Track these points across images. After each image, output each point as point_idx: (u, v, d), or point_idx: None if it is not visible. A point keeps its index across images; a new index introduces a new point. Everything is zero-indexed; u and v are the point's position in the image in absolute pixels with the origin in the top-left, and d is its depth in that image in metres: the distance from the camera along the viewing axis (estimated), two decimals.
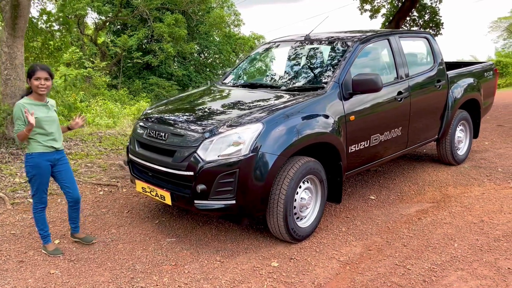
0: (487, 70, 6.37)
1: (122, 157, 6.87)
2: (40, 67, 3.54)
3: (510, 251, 3.49)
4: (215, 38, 28.46)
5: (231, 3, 30.40)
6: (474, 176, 5.64)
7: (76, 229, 3.99)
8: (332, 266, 3.48)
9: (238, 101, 4.33)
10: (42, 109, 3.58)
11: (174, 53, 21.26)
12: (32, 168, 3.60)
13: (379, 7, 15.89)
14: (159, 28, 20.87)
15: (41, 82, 3.50)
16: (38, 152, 3.58)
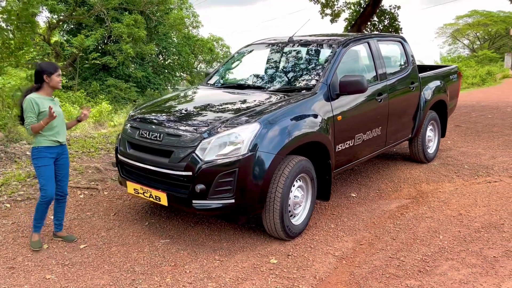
0: (452, 73, 6.76)
1: (96, 160, 6.71)
2: (58, 67, 3.81)
3: (492, 241, 3.74)
4: (174, 39, 28.18)
5: (189, 5, 30.24)
6: (444, 173, 5.96)
7: (59, 227, 4.05)
8: (329, 261, 3.60)
9: (231, 101, 4.37)
10: (50, 103, 3.74)
11: (133, 54, 20.84)
12: (39, 161, 3.76)
13: (339, 11, 16.32)
14: (118, 28, 20.42)
15: (60, 78, 3.78)
16: (43, 146, 3.75)
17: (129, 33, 20.71)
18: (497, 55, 41.09)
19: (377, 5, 12.51)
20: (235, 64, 5.40)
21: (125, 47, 20.32)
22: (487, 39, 51.59)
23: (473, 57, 40.72)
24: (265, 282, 3.26)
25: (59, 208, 4.01)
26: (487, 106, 12.85)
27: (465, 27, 49.07)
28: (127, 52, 20.46)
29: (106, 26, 21.50)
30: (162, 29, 25.07)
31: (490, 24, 46.25)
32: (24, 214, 4.60)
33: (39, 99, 3.70)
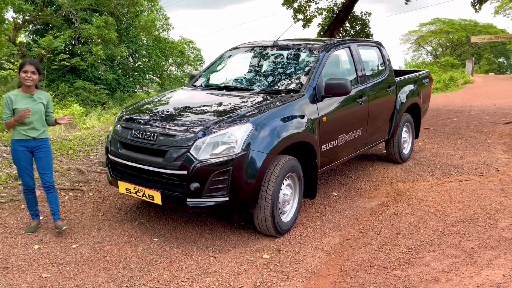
0: (424, 78, 7.10)
1: (76, 162, 6.67)
2: (29, 62, 3.97)
3: (468, 234, 4.00)
4: (144, 41, 27.95)
5: (160, 7, 30.06)
6: (418, 172, 6.25)
7: (55, 216, 4.18)
8: (319, 255, 3.76)
9: (221, 103, 4.48)
10: (27, 100, 3.95)
11: (104, 56, 20.55)
12: (12, 152, 4.06)
13: (311, 17, 16.71)
14: (88, 30, 20.09)
15: (27, 74, 3.89)
16: (15, 139, 3.99)
17: (99, 35, 20.41)
18: (459, 62, 42.74)
19: (349, 12, 12.89)
20: (221, 67, 5.51)
21: (96, 49, 20.02)
22: (449, 46, 53.57)
23: (436, 63, 42.20)
24: (261, 276, 3.39)
25: (49, 198, 4.16)
26: (452, 110, 13.43)
27: (428, 34, 50.83)
28: (97, 54, 20.14)
29: (75, 27, 21.10)
30: (133, 32, 24.81)
31: (451, 32, 48.11)
32: (10, 216, 4.55)
33: (15, 96, 3.94)
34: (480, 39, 39.81)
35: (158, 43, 28.35)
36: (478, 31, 46.05)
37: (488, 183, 5.50)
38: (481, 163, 6.62)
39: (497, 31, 46.18)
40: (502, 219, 4.30)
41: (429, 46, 55.25)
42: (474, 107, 14.48)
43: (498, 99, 17.26)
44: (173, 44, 30.69)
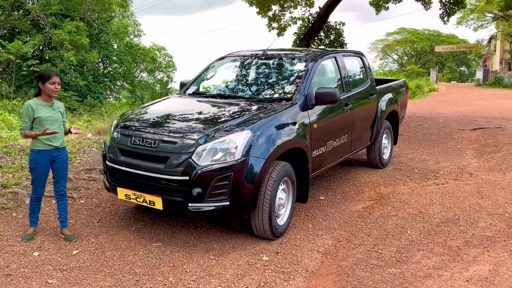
0: (401, 86, 7.44)
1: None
2: (54, 73, 4.03)
3: (452, 233, 4.28)
4: (115, 47, 27.65)
5: (131, 13, 29.85)
6: (398, 177, 6.55)
7: (63, 224, 4.26)
8: (316, 256, 3.94)
9: (218, 110, 4.61)
10: (48, 109, 4.01)
11: (76, 62, 20.24)
12: (31, 162, 4.07)
13: (285, 25, 17.03)
14: (59, 35, 19.75)
15: (55, 86, 3.98)
16: (37, 149, 4.01)
17: (71, 41, 20.08)
18: (423, 70, 44.30)
19: (324, 21, 13.26)
20: (212, 75, 5.64)
21: (67, 55, 19.69)
22: (414, 55, 55.43)
23: (402, 71, 43.58)
24: (263, 277, 3.54)
25: (60, 206, 4.24)
26: (421, 117, 13.98)
27: (394, 43, 52.50)
28: (68, 60, 19.81)
29: (45, 32, 20.70)
30: (105, 37, 24.52)
31: (416, 41, 49.88)
32: (4, 224, 4.53)
33: (36, 105, 3.96)
34: (443, 48, 41.42)
35: (129, 49, 28.08)
36: (441, 40, 47.93)
37: (464, 186, 5.84)
38: (455, 168, 6.99)
39: (459, 41, 48.21)
40: (481, 219, 4.60)
41: (395, 55, 56.97)
42: (442, 114, 15.11)
43: (462, 107, 18.05)
44: (144, 51, 30.46)
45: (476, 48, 44.64)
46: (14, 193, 5.23)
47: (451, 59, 57.66)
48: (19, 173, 6.14)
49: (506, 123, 12.08)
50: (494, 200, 5.17)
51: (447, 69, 56.27)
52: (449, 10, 11.99)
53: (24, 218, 4.71)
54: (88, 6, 22.04)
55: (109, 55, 26.82)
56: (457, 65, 62.76)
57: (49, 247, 4.03)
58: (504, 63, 42.88)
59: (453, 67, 59.63)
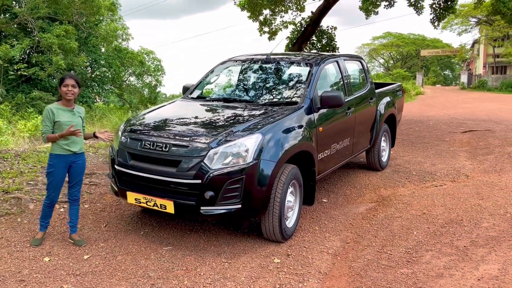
0: (398, 90, 7.56)
1: None
2: (69, 75, 4.05)
3: (458, 234, 4.36)
4: (103, 51, 27.46)
5: (119, 16, 29.69)
6: (397, 179, 6.65)
7: (73, 229, 4.26)
8: (326, 258, 3.98)
9: (226, 114, 4.63)
10: (68, 114, 4.02)
11: (65, 66, 20.04)
12: (49, 166, 4.05)
13: (276, 30, 17.14)
14: (47, 39, 19.55)
15: (68, 88, 3.96)
16: (56, 153, 4.01)
17: (59, 44, 19.89)
18: (409, 74, 44.89)
19: (317, 26, 13.39)
20: (216, 79, 5.67)
21: (56, 59, 19.49)
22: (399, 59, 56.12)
23: (388, 75, 44.09)
24: (278, 279, 3.57)
25: (72, 211, 4.24)
26: (412, 120, 14.18)
27: (380, 47, 53.09)
28: (57, 64, 19.61)
29: (33, 36, 20.48)
30: (94, 41, 24.34)
31: (402, 45, 50.50)
32: (9, 229, 4.48)
33: (56, 109, 3.99)
34: (428, 52, 42.04)
35: (118, 53, 27.90)
36: (426, 45, 48.61)
37: (463, 187, 5.95)
38: (451, 169, 7.12)
39: (443, 45, 48.97)
40: (484, 219, 4.70)
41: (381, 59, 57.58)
42: (431, 117, 15.34)
43: (450, 110, 18.35)
44: (132, 54, 30.29)
45: (461, 52, 45.42)
46: (17, 198, 5.18)
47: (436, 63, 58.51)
48: (19, 178, 6.08)
49: (495, 126, 12.31)
50: (494, 201, 5.28)
51: (432, 73, 57.09)
52: (439, 15, 12.22)
53: (29, 223, 4.68)
54: (76, 9, 21.89)
55: (98, 59, 26.62)
56: (441, 69, 63.72)
57: (59, 252, 4.00)
58: (488, 67, 43.70)
59: (437, 71, 60.51)
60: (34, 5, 19.77)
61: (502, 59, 40.86)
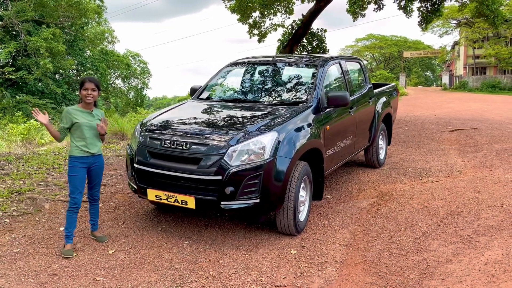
0: (393, 90, 7.86)
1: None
2: (89, 79, 4.11)
3: (460, 224, 4.64)
4: (90, 54, 27.36)
5: (105, 19, 29.60)
6: (394, 175, 6.93)
7: (94, 226, 4.40)
8: (339, 249, 4.21)
9: (239, 113, 4.82)
10: (86, 115, 4.10)
11: (53, 69, 19.95)
12: (70, 169, 4.06)
13: (266, 32, 17.39)
14: (35, 42, 19.45)
15: (88, 92, 4.05)
16: (74, 155, 4.06)
17: (47, 47, 19.80)
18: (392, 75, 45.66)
19: (308, 28, 13.68)
20: (224, 81, 5.87)
21: (44, 62, 19.40)
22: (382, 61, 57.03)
23: (371, 76, 44.76)
24: (298, 268, 3.78)
25: (92, 210, 4.37)
26: (400, 120, 14.55)
27: (363, 48, 53.84)
28: (45, 67, 19.52)
29: (20, 39, 20.34)
30: (81, 44, 24.25)
31: (384, 47, 51.34)
32: (30, 228, 4.60)
33: (75, 110, 4.09)
34: (411, 54, 42.85)
35: (104, 56, 27.82)
36: (408, 46, 49.53)
37: (459, 182, 6.26)
38: (444, 166, 7.43)
39: (425, 47, 49.96)
40: (483, 211, 4.99)
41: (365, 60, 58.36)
42: (418, 117, 15.77)
43: (435, 110, 18.85)
44: (118, 57, 30.24)
45: (442, 54, 46.43)
46: (32, 198, 5.28)
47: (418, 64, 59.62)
48: (28, 179, 6.17)
49: (480, 125, 12.74)
50: (490, 194, 5.60)
51: (414, 74, 58.14)
52: (427, 18, 12.62)
53: (48, 222, 4.80)
54: (63, 12, 21.84)
55: (84, 62, 26.51)
56: (422, 70, 64.90)
57: (84, 248, 4.15)
58: (468, 68, 44.75)
59: (419, 72, 61.64)
60: (20, 8, 19.66)
61: (482, 60, 41.92)
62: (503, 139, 9.93)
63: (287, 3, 16.36)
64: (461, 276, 3.50)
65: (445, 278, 3.48)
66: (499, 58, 37.88)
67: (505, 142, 9.58)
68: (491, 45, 37.92)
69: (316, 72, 5.31)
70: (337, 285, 3.49)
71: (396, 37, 51.27)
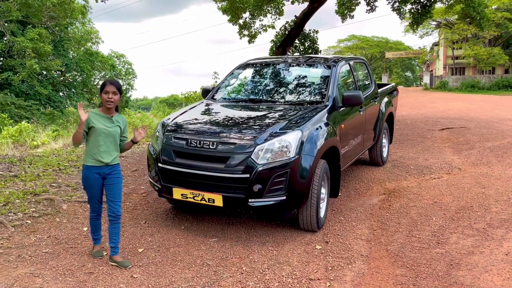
0: (394, 90, 8.07)
1: (77, 177, 6.66)
2: (110, 81, 3.76)
3: (473, 218, 4.84)
4: (74, 55, 27.02)
5: (89, 19, 29.27)
6: (398, 173, 7.13)
7: (115, 250, 3.87)
8: (362, 243, 4.35)
9: (260, 113, 4.92)
10: (105, 121, 3.76)
11: (39, 70, 19.66)
12: (84, 179, 3.83)
13: (256, 33, 17.53)
14: (21, 42, 19.13)
15: (108, 95, 3.71)
16: (87, 165, 3.76)
17: (33, 48, 19.50)
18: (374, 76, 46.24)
19: (301, 29, 13.86)
20: (237, 82, 5.95)
21: (30, 63, 19.10)
22: None
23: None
24: (327, 262, 3.90)
25: (112, 229, 3.84)
26: None
27: (345, 49, 54.36)
28: (31, 68, 19.22)
29: (5, 39, 19.98)
30: (68, 44, 23.94)
31: (366, 48, 52.00)
32: (53, 228, 4.61)
33: (94, 114, 3.72)
34: (393, 55, 43.54)
35: (89, 57, 27.50)
36: (390, 47, 50.31)
37: (462, 178, 6.49)
38: (444, 164, 7.67)
39: (405, 48, 50.81)
40: (492, 205, 5.21)
41: None
42: (406, 116, 16.09)
43: (421, 109, 19.24)
44: (103, 58, 29.93)
45: (423, 54, 47.35)
46: (49, 199, 5.28)
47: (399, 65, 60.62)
48: (39, 181, 6.14)
49: (468, 123, 13.10)
50: (495, 189, 5.83)
51: (394, 74, 59.09)
52: (418, 19, 12.94)
53: (69, 222, 4.81)
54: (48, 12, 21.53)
55: (69, 63, 26.17)
56: (402, 70, 65.98)
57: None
58: (448, 68, 45.73)
59: (399, 72, 62.67)
60: (5, 8, 19.31)
61: (461, 61, 42.90)
62: (493, 137, 10.27)
63: (277, 4, 16.53)
64: (486, 266, 3.68)
65: (472, 269, 3.65)
66: (477, 58, 38.83)
67: (495, 140, 9.91)
68: (470, 46, 38.85)
69: (329, 72, 5.45)
70: (369, 278, 3.62)
71: (378, 38, 52.05)
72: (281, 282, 3.54)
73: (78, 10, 22.85)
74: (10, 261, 3.84)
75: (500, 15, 34.82)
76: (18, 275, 3.58)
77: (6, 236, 4.33)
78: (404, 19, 12.90)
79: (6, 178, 6.17)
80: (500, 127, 11.83)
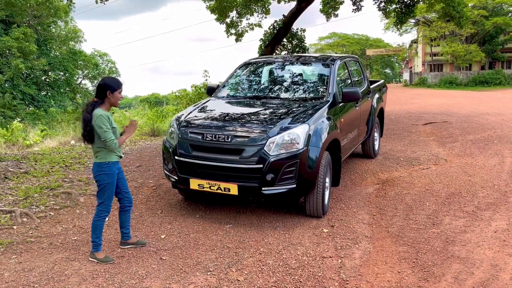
0: (384, 86, 8.53)
1: (88, 171, 6.91)
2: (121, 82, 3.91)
3: (463, 202, 5.31)
4: (57, 54, 26.87)
5: (71, 18, 29.09)
6: (389, 164, 7.59)
7: (128, 235, 4.18)
8: (364, 227, 4.77)
9: (267, 108, 5.28)
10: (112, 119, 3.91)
11: (25, 69, 19.60)
12: (108, 176, 3.84)
13: (243, 31, 17.85)
14: (6, 42, 19.05)
15: (121, 95, 3.89)
16: (113, 161, 3.86)
17: (18, 47, 19.44)
18: None
19: (289, 28, 14.26)
20: (240, 79, 6.30)
21: (16, 62, 19.05)
22: None
23: None
24: (336, 243, 4.30)
25: (125, 216, 4.14)
26: None
27: (326, 47, 55.12)
28: (17, 68, 19.17)
29: None
30: (52, 43, 23.83)
31: (347, 45, 52.82)
32: (76, 219, 4.90)
33: (109, 114, 3.79)
34: (374, 52, 44.41)
35: (73, 56, 27.39)
36: (370, 44, 51.20)
37: (450, 168, 6.99)
38: (430, 155, 8.17)
39: (385, 45, 51.78)
40: (479, 191, 5.70)
41: None
42: (390, 112, 16.64)
43: (403, 105, 19.86)
44: (86, 57, 29.81)
45: (403, 51, 48.43)
46: (67, 193, 5.54)
47: (379, 62, 61.73)
48: (50, 176, 6.38)
49: (449, 118, 13.71)
50: (480, 177, 6.33)
51: (375, 71, 60.18)
52: (402, 18, 13.49)
53: (88, 214, 5.10)
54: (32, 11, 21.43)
55: (52, 62, 26.04)
56: (382, 67, 67.18)
57: (136, 234, 4.49)
58: (426, 65, 46.86)
59: (379, 69, 63.83)
60: None
61: (439, 58, 44.04)
62: (473, 131, 10.85)
63: (264, 3, 16.90)
64: (478, 242, 4.14)
65: (465, 244, 4.10)
66: (455, 55, 39.98)
67: (476, 133, 10.49)
68: (448, 43, 39.95)
69: (328, 69, 5.85)
70: (375, 255, 4.04)
71: (358, 35, 53.00)
72: (297, 260, 3.93)
73: (62, 9, 22.75)
74: (44, 248, 4.13)
75: (476, 12, 35.95)
76: (55, 260, 3.88)
77: (34, 227, 4.61)
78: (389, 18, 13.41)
79: (18, 174, 6.40)
80: (480, 121, 12.45)
